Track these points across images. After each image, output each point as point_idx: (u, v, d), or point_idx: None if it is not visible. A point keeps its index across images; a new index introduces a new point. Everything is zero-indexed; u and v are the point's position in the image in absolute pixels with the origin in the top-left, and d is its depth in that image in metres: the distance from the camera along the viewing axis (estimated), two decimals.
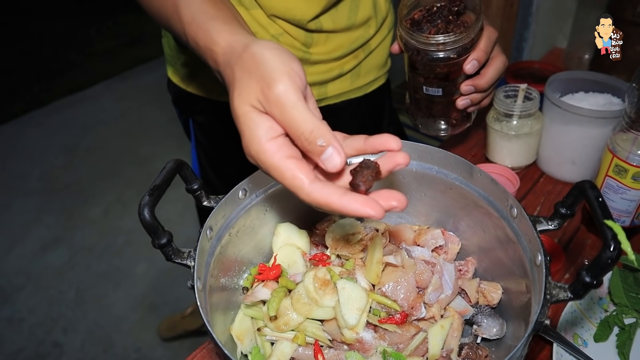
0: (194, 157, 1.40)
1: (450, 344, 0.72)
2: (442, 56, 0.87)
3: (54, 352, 2.34)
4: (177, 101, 1.34)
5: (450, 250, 0.81)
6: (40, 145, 3.74)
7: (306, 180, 0.52)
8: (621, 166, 0.95)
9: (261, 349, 0.74)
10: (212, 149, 1.37)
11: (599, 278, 0.53)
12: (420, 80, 0.94)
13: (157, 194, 0.62)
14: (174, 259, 0.64)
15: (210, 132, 1.33)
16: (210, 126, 1.32)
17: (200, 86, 1.24)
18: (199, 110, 1.30)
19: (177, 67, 1.26)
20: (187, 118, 1.35)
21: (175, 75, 1.28)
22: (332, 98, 1.28)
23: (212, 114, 1.29)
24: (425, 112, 1.02)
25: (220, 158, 1.37)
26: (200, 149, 1.37)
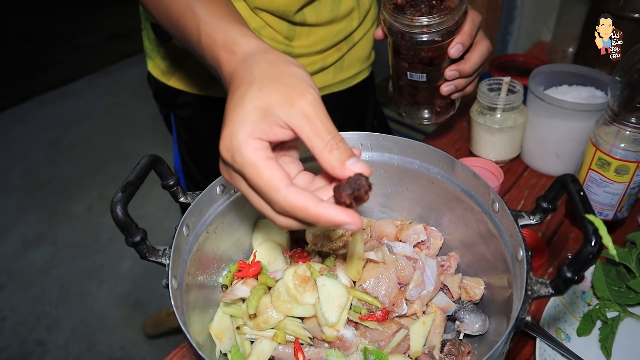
0: (176, 152, 1.38)
1: (433, 340, 0.71)
2: (426, 39, 0.85)
3: (37, 350, 2.31)
4: (157, 95, 1.32)
5: (432, 245, 0.80)
6: (23, 141, 3.68)
7: (284, 181, 0.51)
8: (604, 159, 0.94)
9: (240, 347, 0.72)
10: (194, 144, 1.35)
11: (580, 273, 0.52)
12: (404, 66, 0.93)
13: (130, 191, 0.60)
14: (148, 257, 0.62)
15: (191, 127, 1.32)
16: (192, 120, 1.30)
17: (181, 80, 1.22)
18: (180, 105, 1.28)
19: (156, 61, 1.24)
20: (168, 112, 1.33)
21: (155, 68, 1.26)
22: None
23: (193, 108, 1.27)
24: (409, 99, 1.01)
25: (202, 153, 1.36)
26: (182, 144, 1.35)
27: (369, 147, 0.80)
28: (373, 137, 0.79)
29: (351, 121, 1.40)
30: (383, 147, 0.79)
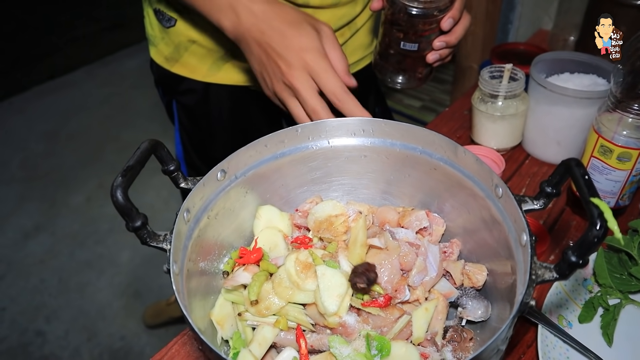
0: (178, 140, 1.38)
1: (435, 326, 0.71)
2: (426, 13, 0.92)
3: (36, 341, 2.31)
4: (160, 82, 1.32)
5: (434, 232, 0.80)
6: (21, 132, 3.67)
7: None
8: (606, 146, 0.94)
9: (242, 334, 0.72)
10: (196, 132, 1.34)
11: (585, 257, 0.51)
12: (399, 36, 0.99)
13: (131, 175, 0.59)
14: (149, 242, 0.62)
15: (194, 114, 1.31)
16: (195, 108, 1.29)
17: (185, 66, 1.22)
18: (183, 91, 1.27)
19: (160, 48, 1.23)
20: (171, 100, 1.33)
21: (158, 55, 1.25)
22: None
23: (197, 95, 1.26)
24: (395, 66, 1.07)
25: (204, 141, 1.35)
26: (184, 132, 1.35)
27: (370, 132, 0.79)
28: (375, 122, 0.78)
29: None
30: (385, 132, 0.79)
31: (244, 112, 1.30)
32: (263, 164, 0.78)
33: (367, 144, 0.80)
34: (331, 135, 0.80)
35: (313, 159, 0.81)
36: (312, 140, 0.80)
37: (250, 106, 1.29)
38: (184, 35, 1.16)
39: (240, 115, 1.30)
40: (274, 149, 0.78)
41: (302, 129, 0.78)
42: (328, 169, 0.84)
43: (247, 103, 1.28)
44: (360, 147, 0.81)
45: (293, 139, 0.79)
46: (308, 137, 0.80)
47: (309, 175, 0.84)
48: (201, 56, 1.18)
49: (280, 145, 0.79)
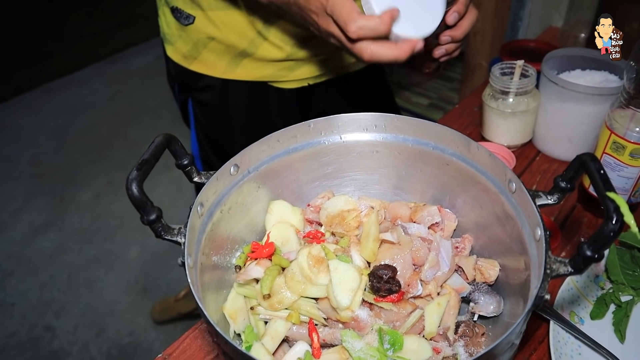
0: (194, 138, 1.38)
1: (447, 321, 0.71)
2: None
3: (46, 336, 2.32)
4: (177, 80, 1.32)
5: (446, 227, 0.80)
6: (30, 129, 3.69)
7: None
8: (619, 143, 0.94)
9: (254, 327, 0.72)
10: (213, 129, 1.34)
11: (600, 252, 0.51)
12: None
13: (146, 169, 0.60)
14: (163, 235, 0.62)
15: (211, 111, 1.31)
16: (212, 105, 1.30)
17: (203, 63, 1.22)
18: (200, 89, 1.28)
19: (177, 46, 1.23)
20: (187, 98, 1.33)
21: (175, 53, 1.25)
22: (332, 72, 1.27)
23: (214, 92, 1.26)
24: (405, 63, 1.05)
25: (220, 138, 1.35)
26: (200, 130, 1.35)
27: (383, 128, 0.79)
28: (387, 118, 0.78)
29: (363, 105, 1.40)
30: (397, 128, 0.79)
31: (262, 109, 1.30)
32: (275, 159, 0.78)
33: (379, 140, 0.80)
34: (343, 130, 0.80)
35: (325, 154, 0.82)
36: (325, 136, 0.80)
37: (268, 102, 1.29)
38: (202, 32, 1.16)
39: (258, 112, 1.31)
40: (286, 144, 0.78)
41: (314, 124, 0.79)
42: (340, 164, 0.84)
43: (265, 99, 1.28)
44: (373, 142, 0.81)
45: (305, 134, 0.79)
46: (320, 133, 0.80)
47: (321, 170, 0.84)
48: (220, 53, 1.19)
49: (293, 141, 0.79)
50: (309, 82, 1.27)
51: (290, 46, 1.16)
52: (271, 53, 1.17)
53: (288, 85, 1.26)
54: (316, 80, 1.29)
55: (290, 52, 1.17)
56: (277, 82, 1.25)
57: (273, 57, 1.17)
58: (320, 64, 1.24)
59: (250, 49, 1.16)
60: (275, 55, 1.17)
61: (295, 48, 1.17)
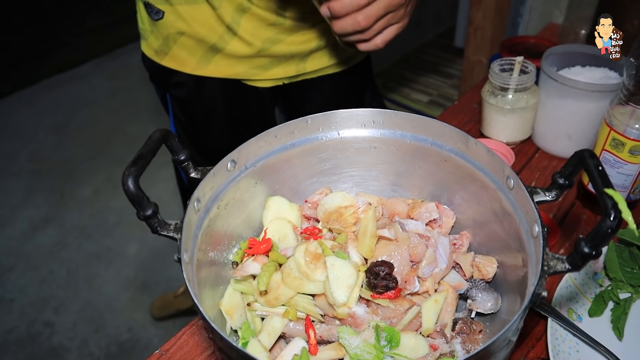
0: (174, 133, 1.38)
1: (444, 318, 0.71)
2: None
3: (45, 331, 2.33)
4: (152, 75, 1.33)
5: (444, 223, 0.80)
6: (30, 125, 3.69)
7: None
8: (618, 140, 0.93)
9: (251, 324, 0.72)
10: (191, 125, 1.35)
11: (598, 249, 0.51)
12: None
13: (142, 164, 0.59)
14: (159, 231, 0.62)
15: (187, 108, 1.32)
16: (187, 101, 1.30)
17: (174, 59, 1.22)
18: (174, 84, 1.28)
19: (150, 41, 1.24)
20: (164, 93, 1.33)
21: (148, 48, 1.26)
22: (311, 73, 1.27)
23: (188, 88, 1.27)
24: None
25: (199, 134, 1.35)
26: (179, 125, 1.35)
27: (381, 124, 0.79)
28: (385, 114, 0.78)
29: (349, 103, 1.40)
30: (395, 124, 0.78)
31: (239, 106, 1.30)
32: (273, 154, 0.78)
33: (377, 136, 0.80)
34: (341, 126, 0.80)
35: (323, 150, 0.81)
36: (322, 132, 0.80)
37: (245, 100, 1.29)
38: (172, 27, 1.16)
39: (236, 109, 1.31)
40: (283, 139, 0.78)
41: (312, 120, 0.78)
42: (338, 160, 0.83)
43: (241, 97, 1.28)
44: (370, 138, 0.80)
45: (303, 130, 0.79)
46: (318, 128, 0.79)
47: (318, 166, 0.83)
48: (190, 48, 1.19)
49: (290, 136, 0.78)
50: (284, 81, 1.27)
51: (261, 42, 1.15)
52: (241, 49, 1.16)
53: (262, 84, 1.26)
54: (292, 80, 1.28)
55: (261, 48, 1.16)
56: (251, 81, 1.25)
57: (243, 53, 1.17)
58: (297, 64, 1.24)
59: (220, 44, 1.16)
60: (245, 52, 1.17)
61: (267, 44, 1.16)
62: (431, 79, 3.81)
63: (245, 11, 1.10)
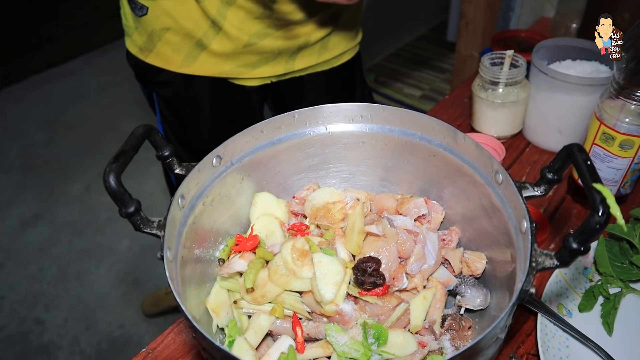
0: (161, 132, 1.37)
1: (433, 315, 0.70)
2: None
3: (36, 329, 2.31)
4: (137, 74, 1.31)
5: (433, 219, 0.79)
6: (20, 121, 3.65)
7: None
8: (608, 134, 0.93)
9: (238, 322, 0.71)
10: (178, 124, 1.33)
11: (586, 244, 0.50)
12: None
13: (124, 160, 0.58)
14: (142, 228, 0.60)
15: (174, 106, 1.30)
16: (174, 99, 1.28)
17: (159, 57, 1.20)
18: (160, 83, 1.26)
19: (134, 38, 1.22)
20: (151, 92, 1.32)
21: (132, 46, 1.24)
22: (299, 71, 1.26)
23: (174, 87, 1.25)
24: None
25: (187, 132, 1.34)
26: (166, 124, 1.33)
27: (369, 118, 0.78)
28: (374, 108, 0.77)
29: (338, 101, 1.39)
30: (383, 118, 0.77)
31: (227, 104, 1.29)
32: (259, 150, 0.77)
33: (365, 130, 0.79)
34: (329, 121, 0.79)
35: (310, 145, 0.80)
36: (309, 127, 0.79)
37: (233, 98, 1.27)
38: (156, 22, 1.14)
39: (223, 108, 1.29)
40: (270, 135, 0.77)
41: (299, 114, 0.77)
42: (325, 156, 0.82)
43: (229, 95, 1.27)
44: (358, 133, 0.79)
45: (290, 125, 0.78)
46: (305, 123, 0.78)
47: (306, 161, 0.82)
48: (176, 45, 1.17)
49: (277, 132, 0.77)
50: (271, 80, 1.26)
51: (248, 36, 1.14)
52: (227, 45, 1.15)
53: (250, 82, 1.24)
54: (280, 79, 1.27)
55: (248, 42, 1.14)
56: (238, 79, 1.23)
57: (229, 49, 1.15)
58: (286, 62, 1.22)
59: (206, 40, 1.14)
60: (231, 47, 1.15)
61: (254, 38, 1.14)
62: (423, 73, 3.81)
63: (231, 3, 1.08)
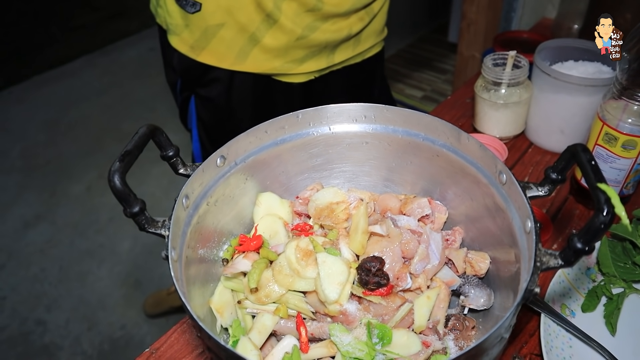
0: (195, 137, 1.36)
1: (437, 315, 0.70)
2: None
3: (37, 330, 2.31)
4: (182, 74, 1.28)
5: (437, 219, 0.79)
6: (21, 121, 3.65)
7: None
8: (611, 134, 0.93)
9: (242, 322, 0.71)
10: (216, 127, 1.32)
11: (591, 244, 0.50)
12: None
13: (129, 160, 0.58)
14: (147, 228, 0.61)
15: (214, 108, 1.29)
16: (216, 100, 1.27)
17: (212, 54, 1.19)
18: (206, 82, 1.25)
19: (184, 36, 1.19)
20: (189, 95, 1.31)
21: (182, 44, 1.21)
22: (337, 65, 1.28)
23: (222, 86, 1.24)
24: None
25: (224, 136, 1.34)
26: (202, 129, 1.33)
27: (372, 119, 0.78)
28: (377, 108, 0.77)
29: (358, 96, 1.41)
30: (387, 119, 0.77)
31: (267, 105, 1.29)
32: (263, 150, 0.77)
33: (368, 131, 0.79)
34: (332, 121, 0.79)
35: (314, 145, 0.80)
36: (313, 127, 0.79)
37: (274, 97, 1.28)
38: (211, 18, 1.13)
39: (263, 108, 1.29)
40: (274, 135, 0.77)
41: (302, 114, 0.77)
42: (329, 156, 0.83)
43: (271, 94, 1.27)
44: (362, 133, 0.79)
45: (293, 125, 0.78)
46: (309, 123, 0.78)
47: (309, 162, 0.83)
48: (229, 42, 1.16)
49: (281, 132, 0.77)
50: (315, 75, 1.26)
51: (301, 29, 1.14)
52: (280, 38, 1.15)
53: (295, 79, 1.25)
54: (322, 73, 1.28)
55: (300, 35, 1.15)
56: (284, 76, 1.23)
57: (282, 42, 1.15)
58: (327, 56, 1.23)
59: (259, 34, 1.14)
60: (284, 41, 1.15)
61: (306, 31, 1.15)
62: (425, 74, 3.81)
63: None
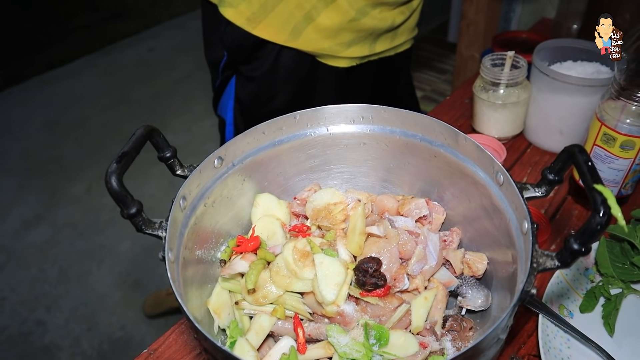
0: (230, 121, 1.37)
1: (434, 315, 0.70)
2: None
3: (37, 330, 2.31)
4: (233, 47, 1.26)
5: (434, 220, 0.79)
6: (21, 122, 3.65)
7: None
8: (609, 134, 0.93)
9: (239, 323, 0.71)
10: (253, 109, 1.33)
11: (587, 245, 0.50)
12: None
13: (125, 161, 0.58)
14: (144, 229, 0.61)
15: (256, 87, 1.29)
16: (259, 80, 1.27)
17: (268, 28, 1.18)
18: (252, 59, 1.25)
19: (240, 8, 1.18)
20: (231, 74, 1.31)
21: (239, 16, 1.19)
22: (375, 55, 1.30)
23: (270, 62, 1.24)
24: None
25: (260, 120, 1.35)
26: (239, 111, 1.34)
27: (370, 119, 0.78)
28: (374, 109, 0.77)
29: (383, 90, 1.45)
30: (384, 119, 0.77)
31: (308, 89, 1.30)
32: (261, 151, 0.77)
33: (366, 131, 0.79)
34: (330, 122, 0.79)
35: (312, 146, 0.80)
36: (311, 128, 0.79)
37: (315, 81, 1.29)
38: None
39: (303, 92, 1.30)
40: (272, 136, 0.77)
41: (300, 115, 0.77)
42: (327, 157, 0.83)
43: (312, 78, 1.28)
44: (360, 134, 0.80)
45: (291, 126, 0.78)
46: (306, 124, 0.79)
47: (307, 163, 0.83)
48: (286, 17, 1.16)
49: (279, 133, 0.78)
50: (357, 61, 1.28)
51: (355, 11, 1.15)
52: (334, 18, 1.15)
53: (339, 62, 1.26)
54: (362, 61, 1.29)
55: (354, 17, 1.16)
56: (330, 58, 1.25)
57: (335, 22, 1.16)
58: (370, 44, 1.25)
59: (315, 12, 1.15)
60: (337, 20, 1.16)
61: (359, 14, 1.16)
62: (424, 74, 3.81)
63: None
